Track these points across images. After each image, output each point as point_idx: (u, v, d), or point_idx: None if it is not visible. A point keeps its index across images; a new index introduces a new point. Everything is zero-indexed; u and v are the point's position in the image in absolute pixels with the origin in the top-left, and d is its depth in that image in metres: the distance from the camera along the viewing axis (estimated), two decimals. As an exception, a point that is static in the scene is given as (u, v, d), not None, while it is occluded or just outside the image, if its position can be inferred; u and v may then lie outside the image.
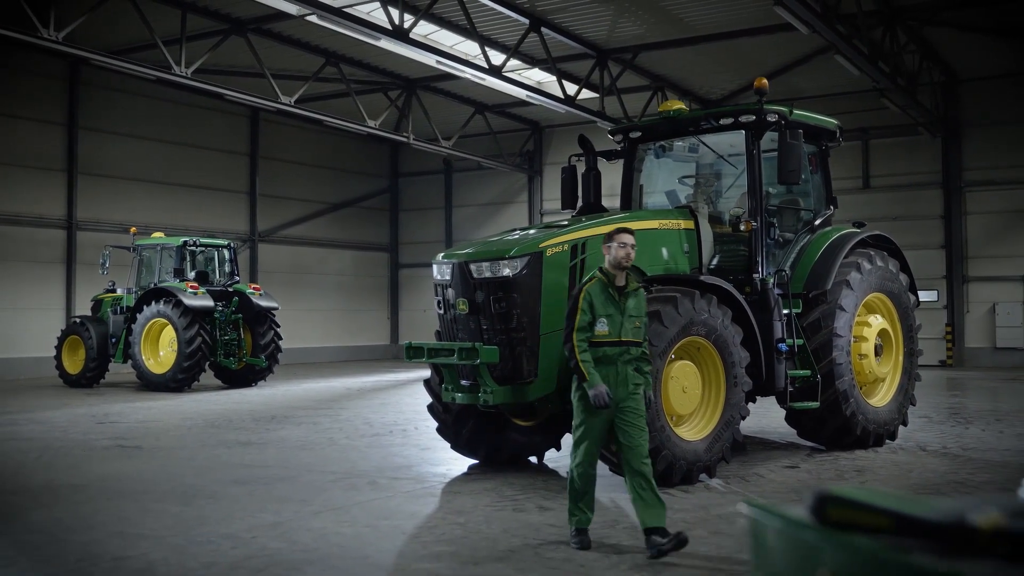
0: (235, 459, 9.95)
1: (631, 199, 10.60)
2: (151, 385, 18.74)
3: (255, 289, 20.16)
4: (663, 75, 24.81)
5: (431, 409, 9.26)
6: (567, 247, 8.29)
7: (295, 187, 30.46)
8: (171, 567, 5.65)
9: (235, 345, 19.62)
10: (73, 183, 24.20)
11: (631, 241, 6.26)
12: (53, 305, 23.77)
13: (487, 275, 8.13)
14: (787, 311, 9.36)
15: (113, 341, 19.72)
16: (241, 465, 9.52)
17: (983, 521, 1.21)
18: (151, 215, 25.46)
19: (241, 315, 19.68)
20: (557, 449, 9.59)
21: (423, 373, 23.65)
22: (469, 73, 20.23)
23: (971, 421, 12.68)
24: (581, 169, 10.69)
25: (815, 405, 9.37)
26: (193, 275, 19.81)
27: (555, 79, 22.40)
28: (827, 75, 23.73)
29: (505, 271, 8.05)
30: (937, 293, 25.06)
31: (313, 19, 17.68)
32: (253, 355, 19.81)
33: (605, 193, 10.94)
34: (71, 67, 23.73)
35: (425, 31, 20.05)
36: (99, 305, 20.78)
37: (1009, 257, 24.64)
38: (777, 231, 9.71)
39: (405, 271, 34.01)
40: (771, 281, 9.32)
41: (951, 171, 25.41)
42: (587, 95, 23.41)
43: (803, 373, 9.35)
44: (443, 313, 8.59)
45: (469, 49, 21.28)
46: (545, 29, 20.43)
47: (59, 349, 20.19)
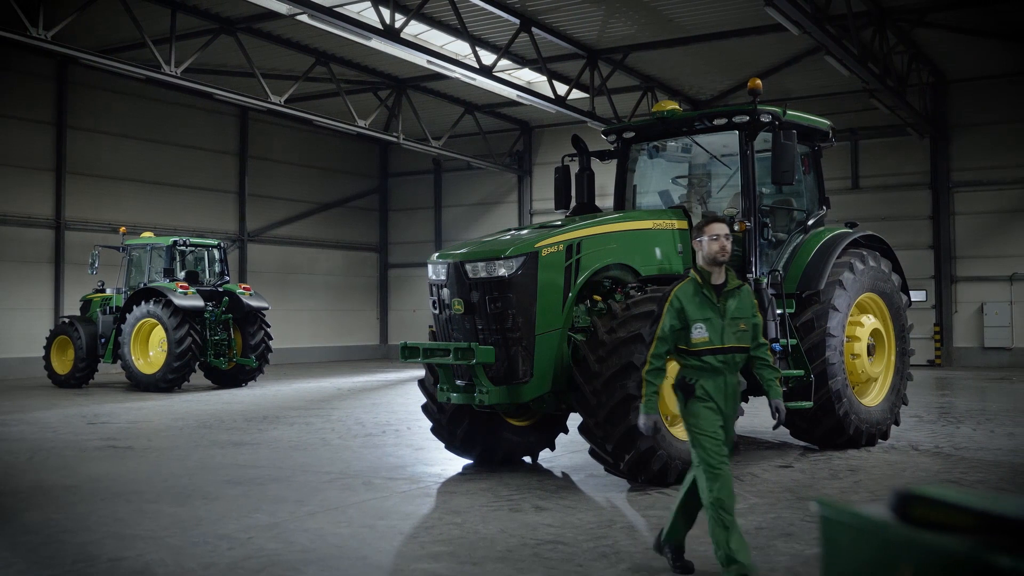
0: (228, 460, 9.92)
1: (625, 199, 10.62)
2: (141, 385, 18.68)
3: (245, 289, 20.10)
4: (653, 75, 24.85)
5: (425, 409, 9.24)
6: (562, 247, 8.30)
7: (284, 187, 30.40)
8: (169, 568, 5.63)
9: (225, 345, 19.56)
10: (61, 183, 24.09)
11: (724, 231, 5.41)
12: (41, 305, 23.65)
13: (482, 275, 8.13)
14: (780, 311, 9.39)
15: (102, 341, 19.64)
16: (234, 465, 9.49)
17: None
18: (139, 215, 25.39)
19: (231, 315, 19.64)
20: (551, 449, 9.59)
21: (413, 373, 23.81)
22: (460, 73, 20.21)
23: (961, 420, 12.74)
24: (574, 169, 10.71)
25: (808, 405, 9.40)
26: (183, 275, 19.76)
27: (545, 79, 22.41)
28: (817, 76, 23.83)
29: (500, 271, 8.05)
30: (925, 293, 25.16)
31: (304, 19, 17.63)
32: (243, 355, 19.76)
33: (597, 193, 10.95)
34: (59, 66, 23.62)
35: (415, 31, 20.03)
36: (88, 305, 20.71)
37: (997, 257, 24.78)
38: (771, 231, 9.74)
39: (394, 271, 33.98)
40: (765, 281, 9.34)
41: (939, 171, 25.53)
42: (577, 95, 23.43)
43: (796, 373, 9.38)
44: (438, 313, 8.57)
45: (459, 49, 21.27)
46: (536, 29, 20.44)
47: (48, 349, 20.11)
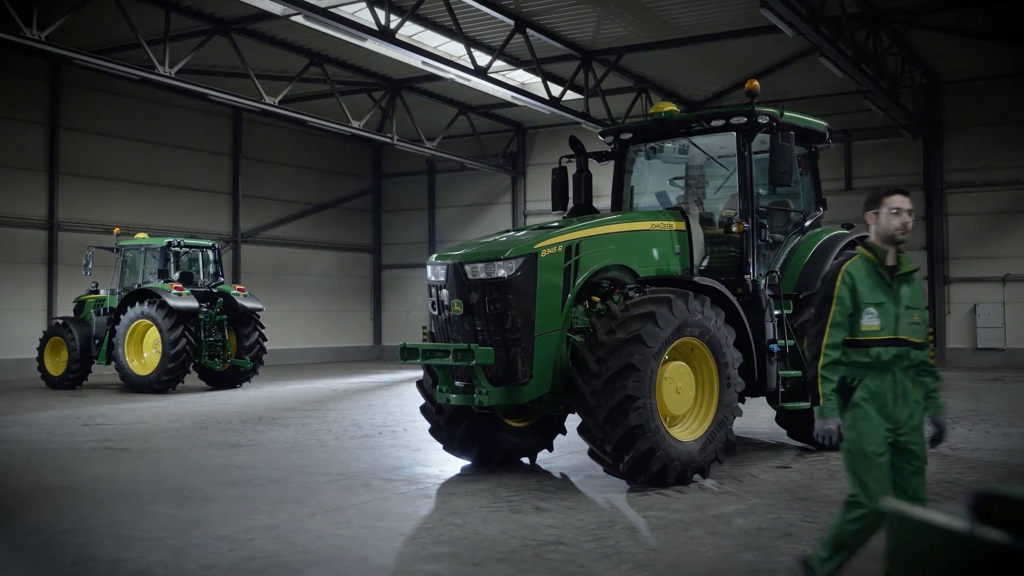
0: (225, 461, 9.89)
1: (622, 200, 10.63)
2: (135, 387, 18.62)
3: (240, 290, 20.05)
4: (647, 76, 24.88)
5: (424, 410, 9.23)
6: (561, 248, 8.30)
7: (278, 188, 30.35)
8: (170, 570, 5.61)
9: (220, 346, 19.51)
10: (54, 183, 24.02)
11: (907, 206, 4.69)
12: (34, 306, 23.57)
13: (482, 276, 8.13)
14: (778, 312, 9.41)
15: (96, 342, 19.57)
16: (232, 467, 9.47)
17: None
18: (133, 215, 25.32)
19: (226, 316, 19.58)
20: (549, 450, 9.59)
21: (407, 374, 23.78)
22: (454, 74, 20.21)
23: (956, 421, 12.76)
24: (572, 170, 10.71)
25: (806, 405, 9.38)
26: (177, 276, 19.70)
27: (540, 80, 22.42)
28: (810, 77, 23.88)
29: (500, 272, 8.05)
30: (919, 294, 25.18)
31: (299, 19, 17.64)
32: (238, 356, 19.72)
33: (594, 195, 10.95)
34: (53, 67, 23.55)
35: (410, 32, 20.02)
36: (82, 306, 20.64)
37: (990, 258, 24.86)
38: (768, 232, 9.75)
39: (388, 272, 33.95)
40: (762, 282, 9.36)
41: (932, 173, 25.61)
42: (571, 96, 23.44)
43: (794, 374, 9.40)
44: (437, 314, 8.57)
45: (454, 50, 21.27)
46: (530, 30, 20.45)
47: (41, 351, 20.03)
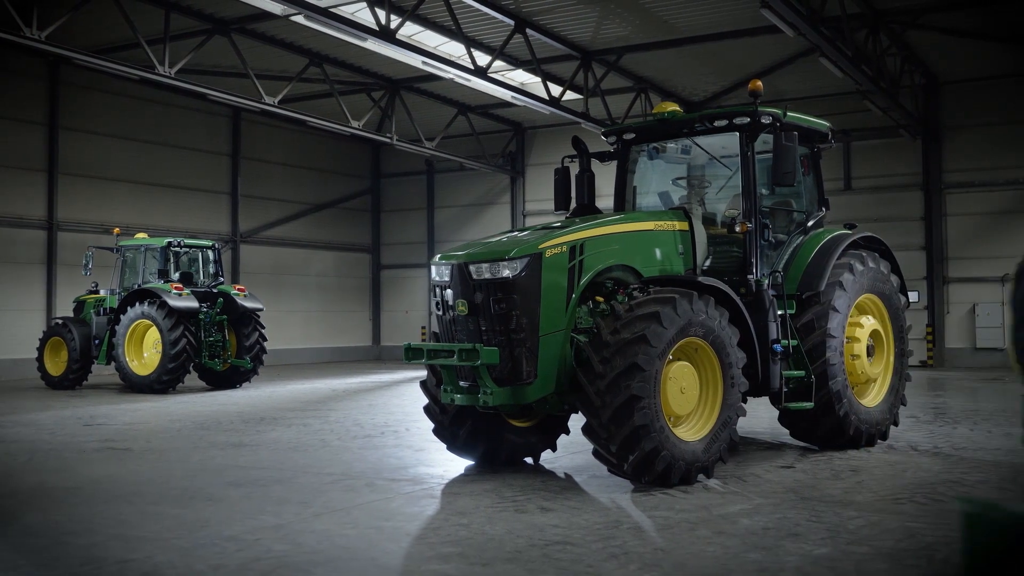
0: (228, 461, 9.89)
1: (624, 201, 10.63)
2: (135, 387, 18.61)
3: (240, 290, 20.04)
4: (647, 77, 24.90)
5: (427, 410, 9.22)
6: (565, 248, 8.30)
7: (277, 188, 30.35)
8: (178, 570, 5.60)
9: (220, 346, 19.51)
10: (54, 183, 24.00)
11: None
12: (34, 306, 23.55)
13: (486, 276, 8.12)
14: (781, 312, 9.42)
15: (96, 343, 19.56)
16: (235, 467, 9.46)
17: None
18: (132, 215, 25.32)
19: (226, 316, 19.58)
20: (553, 450, 9.59)
21: (407, 374, 23.79)
22: (454, 73, 20.22)
23: (958, 421, 12.79)
24: (574, 171, 10.71)
25: (809, 405, 9.43)
26: (177, 276, 19.69)
27: (539, 80, 22.42)
28: (810, 77, 23.92)
29: (505, 272, 8.04)
30: (918, 294, 25.25)
31: (299, 19, 17.63)
32: (238, 356, 19.71)
33: (596, 195, 10.95)
34: (52, 66, 23.53)
35: (410, 32, 20.02)
36: (82, 306, 20.63)
37: (989, 258, 24.89)
38: (771, 232, 9.76)
39: (387, 272, 33.95)
40: (765, 282, 9.37)
41: (932, 173, 25.64)
42: (571, 96, 23.45)
43: (797, 374, 9.41)
44: (441, 314, 8.56)
45: (453, 50, 21.27)
46: (530, 30, 20.46)
47: (41, 351, 20.01)
